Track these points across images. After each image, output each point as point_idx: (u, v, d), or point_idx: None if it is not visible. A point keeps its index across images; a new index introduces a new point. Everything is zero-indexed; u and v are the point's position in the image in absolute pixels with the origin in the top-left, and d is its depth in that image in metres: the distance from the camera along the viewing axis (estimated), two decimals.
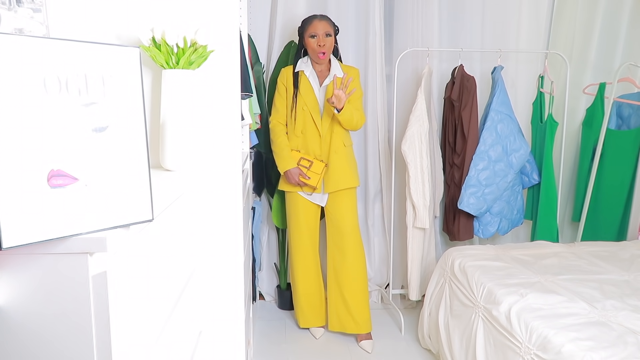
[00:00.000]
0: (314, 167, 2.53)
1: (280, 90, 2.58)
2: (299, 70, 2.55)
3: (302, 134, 2.55)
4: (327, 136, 2.54)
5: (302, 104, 2.52)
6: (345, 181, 2.55)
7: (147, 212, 0.80)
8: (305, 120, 2.53)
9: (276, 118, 2.59)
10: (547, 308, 1.81)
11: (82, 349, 0.71)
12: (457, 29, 3.11)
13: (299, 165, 2.53)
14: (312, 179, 2.52)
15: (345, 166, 2.56)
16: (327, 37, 2.46)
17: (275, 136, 2.57)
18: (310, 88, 2.53)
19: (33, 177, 0.65)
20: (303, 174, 2.51)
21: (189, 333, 1.32)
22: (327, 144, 2.55)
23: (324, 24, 2.46)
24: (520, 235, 3.36)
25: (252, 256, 2.46)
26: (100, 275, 0.71)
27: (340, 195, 2.58)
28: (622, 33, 3.16)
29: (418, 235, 2.84)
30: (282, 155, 2.54)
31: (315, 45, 2.46)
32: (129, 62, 0.78)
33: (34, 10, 1.13)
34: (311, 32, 2.46)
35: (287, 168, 2.52)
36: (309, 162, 2.53)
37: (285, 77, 2.57)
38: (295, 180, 2.52)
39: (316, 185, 2.53)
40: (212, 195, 1.52)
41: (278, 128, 2.57)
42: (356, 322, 2.60)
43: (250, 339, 2.16)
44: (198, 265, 1.51)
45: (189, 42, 1.29)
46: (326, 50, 2.47)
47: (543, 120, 3.03)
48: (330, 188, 2.55)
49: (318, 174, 2.52)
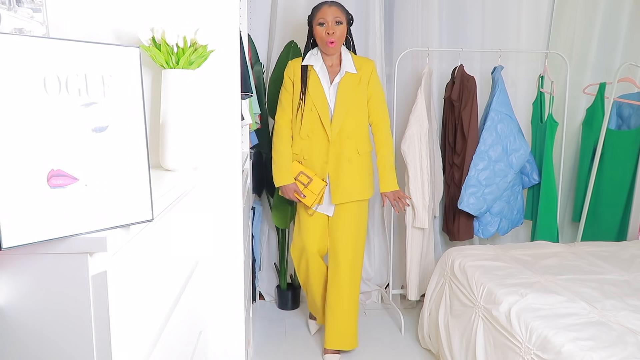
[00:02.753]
0: (313, 185, 2.29)
1: (287, 85, 2.32)
2: (307, 63, 2.30)
3: (308, 138, 2.29)
4: (336, 142, 2.28)
5: (310, 103, 2.27)
6: (354, 193, 2.31)
7: (147, 212, 0.80)
8: (312, 123, 2.28)
9: (282, 117, 2.34)
10: (547, 308, 1.81)
11: (82, 348, 0.71)
12: (457, 29, 3.11)
13: (297, 180, 2.31)
14: (308, 197, 2.30)
15: (356, 177, 2.31)
16: (338, 24, 2.19)
17: (278, 141, 2.33)
18: (319, 86, 2.28)
19: (33, 177, 0.65)
20: (298, 191, 2.30)
21: (189, 333, 1.32)
22: (337, 151, 2.28)
23: (334, 9, 2.20)
24: (520, 235, 3.36)
25: (252, 256, 2.46)
26: (100, 275, 0.71)
27: (348, 208, 2.35)
28: (622, 33, 3.17)
29: (417, 235, 2.84)
30: (280, 167, 2.32)
31: (323, 34, 2.19)
32: (129, 62, 0.78)
33: (34, 10, 1.13)
34: (320, 18, 2.20)
35: (282, 183, 2.31)
36: (308, 178, 2.29)
37: (292, 70, 2.31)
38: (290, 196, 2.32)
39: (311, 205, 2.31)
40: (212, 195, 1.52)
41: (283, 131, 2.33)
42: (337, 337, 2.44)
43: (250, 339, 2.16)
44: (198, 265, 1.51)
45: (189, 42, 1.29)
46: (336, 40, 2.20)
47: (543, 120, 3.03)
48: (337, 199, 2.31)
49: (315, 193, 2.29)
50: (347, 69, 2.28)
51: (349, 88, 2.28)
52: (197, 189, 1.51)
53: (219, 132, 1.49)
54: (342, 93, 2.27)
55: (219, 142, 1.50)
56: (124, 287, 0.79)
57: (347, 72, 2.28)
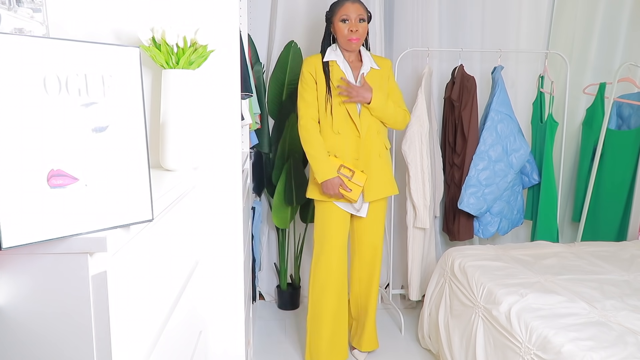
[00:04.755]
0: (356, 177, 2.19)
1: (309, 82, 2.22)
2: (328, 59, 2.23)
3: (339, 134, 2.21)
4: (366, 137, 2.23)
5: (338, 98, 2.20)
6: (386, 189, 2.29)
7: (147, 212, 0.80)
8: (341, 118, 2.20)
9: (308, 114, 2.21)
10: (547, 308, 1.81)
11: (82, 348, 0.71)
12: (457, 29, 3.11)
13: (340, 174, 2.19)
14: (354, 191, 2.19)
15: (388, 171, 2.30)
16: (361, 22, 2.16)
17: (309, 135, 2.21)
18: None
19: (33, 177, 0.65)
20: (344, 185, 2.18)
21: (189, 333, 1.32)
22: (368, 146, 2.23)
23: (357, 6, 2.16)
24: (520, 235, 3.36)
25: (252, 256, 2.46)
26: (100, 275, 0.71)
27: (377, 206, 2.32)
28: (622, 33, 3.17)
29: (418, 235, 2.84)
30: (320, 161, 2.18)
31: (346, 31, 2.15)
32: (129, 62, 0.78)
33: (34, 10, 1.13)
34: (342, 15, 2.15)
35: (327, 177, 2.16)
36: (350, 171, 2.20)
37: (313, 66, 2.22)
38: (335, 191, 2.18)
39: (356, 199, 2.22)
40: (212, 195, 1.52)
41: (311, 125, 2.21)
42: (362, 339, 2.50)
43: (250, 339, 2.16)
44: (198, 265, 1.51)
45: (189, 42, 1.29)
46: (360, 36, 2.17)
47: (543, 120, 3.03)
48: (370, 197, 2.24)
49: (360, 186, 2.20)
50: (371, 65, 2.27)
51: (375, 83, 2.25)
52: (197, 189, 1.51)
53: (219, 132, 1.49)
54: (370, 82, 2.24)
55: (219, 142, 1.50)
56: (124, 287, 0.79)
57: (372, 68, 2.26)
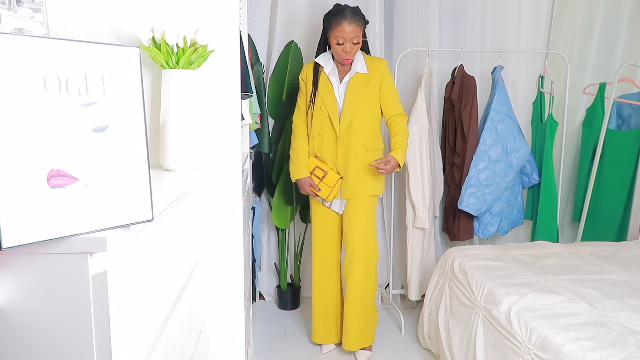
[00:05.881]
0: (328, 178, 2.36)
1: (301, 88, 2.45)
2: (319, 62, 2.38)
3: (319, 135, 2.38)
4: (345, 138, 2.35)
5: (319, 102, 2.36)
6: (363, 189, 2.37)
7: (147, 212, 0.80)
8: (322, 121, 2.37)
9: (298, 117, 2.46)
10: (547, 308, 1.81)
11: (82, 348, 0.71)
12: (457, 29, 3.11)
13: (312, 174, 2.38)
14: (323, 190, 2.37)
15: (364, 173, 2.36)
16: (355, 45, 2.24)
17: (294, 139, 2.46)
18: (329, 85, 2.35)
19: (33, 177, 0.65)
20: (314, 185, 2.37)
21: (189, 333, 1.32)
22: (346, 147, 2.35)
23: (354, 28, 2.20)
24: (520, 235, 3.36)
25: (252, 256, 2.46)
26: (100, 275, 0.71)
27: (356, 203, 2.39)
28: (622, 33, 3.17)
29: (418, 235, 2.84)
30: (295, 162, 2.42)
31: (340, 52, 2.25)
32: (129, 62, 0.78)
33: (34, 10, 1.13)
34: (338, 37, 2.22)
35: (297, 177, 2.40)
36: (323, 172, 2.37)
37: (305, 73, 2.43)
38: (306, 190, 2.39)
39: (327, 197, 2.37)
40: (212, 195, 1.52)
41: (299, 129, 2.44)
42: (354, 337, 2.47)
43: (250, 339, 2.16)
44: (198, 265, 1.51)
45: (189, 42, 1.29)
46: (352, 56, 2.28)
47: (543, 120, 3.03)
48: (347, 195, 2.39)
49: (330, 186, 2.35)
50: (357, 69, 2.34)
51: (358, 87, 2.33)
52: (197, 189, 1.51)
53: (219, 132, 1.49)
54: (351, 92, 2.34)
55: (219, 142, 1.50)
56: (124, 287, 0.79)
57: (356, 72, 2.33)
